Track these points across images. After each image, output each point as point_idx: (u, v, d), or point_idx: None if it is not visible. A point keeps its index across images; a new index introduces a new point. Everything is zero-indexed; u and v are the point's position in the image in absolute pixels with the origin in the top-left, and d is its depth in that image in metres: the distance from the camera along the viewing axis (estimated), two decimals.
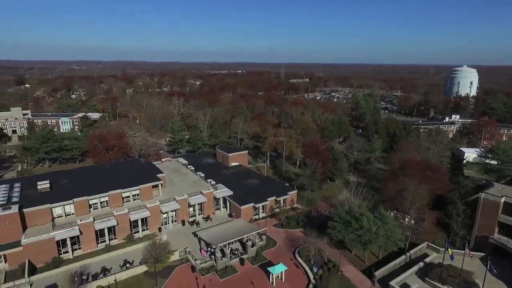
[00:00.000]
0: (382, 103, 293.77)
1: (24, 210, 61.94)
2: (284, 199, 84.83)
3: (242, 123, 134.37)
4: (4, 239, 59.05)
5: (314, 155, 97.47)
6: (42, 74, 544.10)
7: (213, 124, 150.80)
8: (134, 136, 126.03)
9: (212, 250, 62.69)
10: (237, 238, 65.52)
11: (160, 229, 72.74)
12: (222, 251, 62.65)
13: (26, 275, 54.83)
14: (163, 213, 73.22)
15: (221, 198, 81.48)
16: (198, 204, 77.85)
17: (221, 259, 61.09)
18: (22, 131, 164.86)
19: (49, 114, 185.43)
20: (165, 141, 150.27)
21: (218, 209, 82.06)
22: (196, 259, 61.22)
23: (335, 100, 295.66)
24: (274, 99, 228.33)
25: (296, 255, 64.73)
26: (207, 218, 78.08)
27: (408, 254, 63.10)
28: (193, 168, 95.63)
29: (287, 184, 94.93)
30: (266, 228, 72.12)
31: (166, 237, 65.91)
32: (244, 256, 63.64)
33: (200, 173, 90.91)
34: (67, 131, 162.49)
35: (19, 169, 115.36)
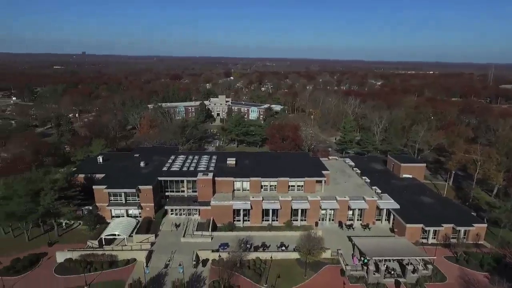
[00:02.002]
0: None
1: (216, 178, 77.42)
2: (466, 231, 69.45)
3: (425, 131, 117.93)
4: (201, 197, 75.96)
5: None
6: (243, 69, 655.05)
7: (389, 129, 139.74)
8: (307, 130, 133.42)
9: (366, 260, 59.27)
10: (396, 258, 59.27)
11: (316, 224, 74.83)
12: (376, 265, 58.24)
13: (209, 230, 68.92)
14: (322, 209, 74.72)
15: (385, 210, 75.19)
16: (359, 209, 74.85)
17: (374, 274, 56.91)
18: (223, 115, 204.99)
19: (243, 103, 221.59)
20: (335, 139, 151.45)
21: (379, 220, 76.31)
22: (347, 264, 59.56)
23: None
24: (472, 108, 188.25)
25: None
26: (365, 226, 74.14)
27: None
28: (359, 171, 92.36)
29: (473, 213, 77.14)
30: (435, 257, 61.43)
31: (321, 233, 67.15)
32: (401, 280, 56.83)
33: (366, 178, 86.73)
34: (254, 119, 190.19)
35: (217, 145, 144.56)
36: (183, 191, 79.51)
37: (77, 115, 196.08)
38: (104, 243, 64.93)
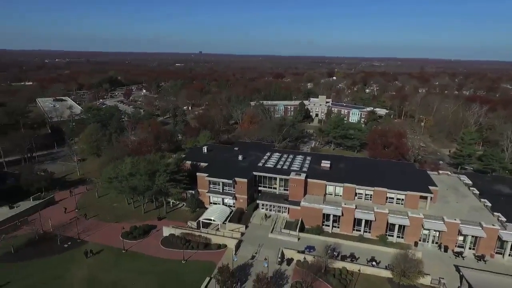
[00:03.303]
0: None
1: (308, 179, 76.76)
2: None
3: None
4: (292, 197, 76.52)
5: None
6: (347, 68, 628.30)
7: None
8: (415, 138, 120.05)
9: None
10: None
11: (416, 244, 67.05)
12: None
13: (297, 230, 68.88)
14: (425, 229, 66.44)
15: (510, 243, 62.17)
16: (472, 236, 63.86)
17: None
18: (322, 115, 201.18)
19: (344, 104, 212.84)
20: (449, 151, 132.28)
21: (500, 253, 63.61)
22: None
23: None
24: None
25: None
26: (480, 258, 62.77)
27: None
28: (477, 192, 78.59)
29: None
30: None
31: (420, 255, 59.84)
32: None
33: (486, 201, 73.20)
34: (354, 121, 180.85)
35: (312, 146, 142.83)
36: (275, 188, 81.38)
37: (190, 107, 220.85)
38: (201, 226, 71.71)
